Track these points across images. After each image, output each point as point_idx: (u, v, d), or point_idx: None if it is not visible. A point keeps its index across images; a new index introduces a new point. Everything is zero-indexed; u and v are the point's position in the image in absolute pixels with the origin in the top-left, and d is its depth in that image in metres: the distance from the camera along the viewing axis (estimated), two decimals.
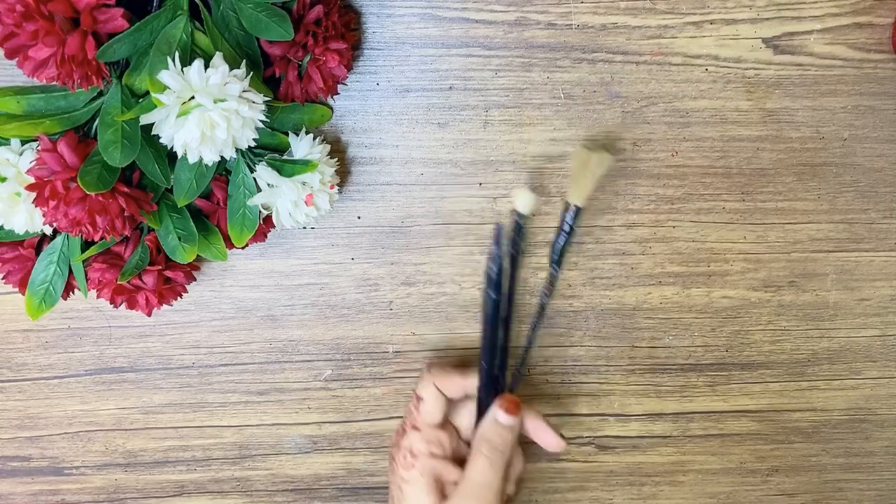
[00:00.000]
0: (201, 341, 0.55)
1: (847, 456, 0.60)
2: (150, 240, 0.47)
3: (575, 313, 0.55)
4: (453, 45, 0.50)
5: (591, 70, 0.50)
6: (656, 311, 0.56)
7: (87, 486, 0.59)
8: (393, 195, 0.52)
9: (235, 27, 0.43)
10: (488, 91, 0.50)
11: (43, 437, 0.58)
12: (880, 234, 0.55)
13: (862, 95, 0.52)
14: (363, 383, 0.57)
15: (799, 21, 0.50)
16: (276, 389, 0.57)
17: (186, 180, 0.44)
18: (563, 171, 0.52)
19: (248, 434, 0.58)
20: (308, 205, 0.46)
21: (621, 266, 0.54)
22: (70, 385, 0.56)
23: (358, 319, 0.55)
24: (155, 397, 0.57)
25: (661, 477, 0.60)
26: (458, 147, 0.52)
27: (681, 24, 0.50)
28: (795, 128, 0.52)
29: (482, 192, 0.53)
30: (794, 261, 0.55)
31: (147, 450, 0.58)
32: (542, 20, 0.49)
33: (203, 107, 0.39)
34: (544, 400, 0.57)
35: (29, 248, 0.47)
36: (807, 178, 0.53)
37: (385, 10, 0.49)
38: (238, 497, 0.60)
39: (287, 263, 0.54)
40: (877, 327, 0.57)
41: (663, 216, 0.53)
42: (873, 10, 0.50)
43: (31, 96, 0.43)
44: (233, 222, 0.46)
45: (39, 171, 0.42)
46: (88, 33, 0.38)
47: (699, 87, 0.51)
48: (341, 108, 0.51)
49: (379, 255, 0.54)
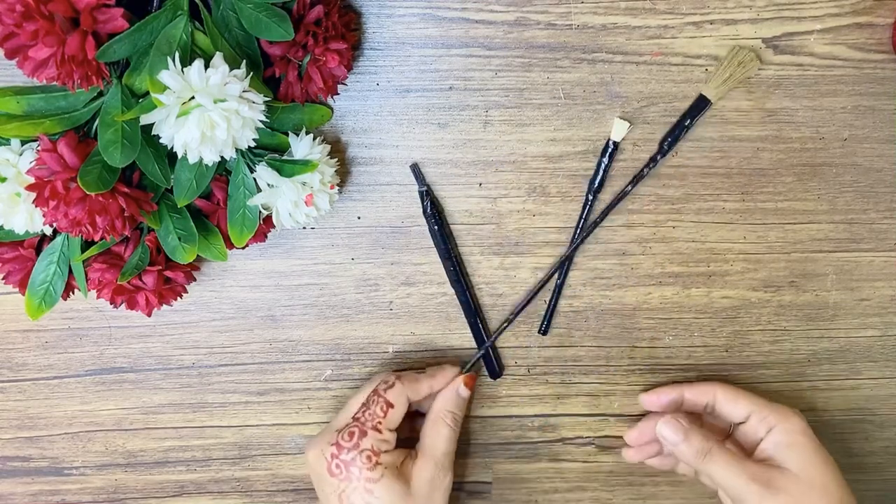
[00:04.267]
0: (201, 341, 0.55)
1: (847, 456, 0.60)
2: (150, 240, 0.47)
3: (575, 313, 0.55)
4: (453, 45, 0.50)
5: (591, 70, 0.50)
6: (656, 311, 0.56)
7: (87, 486, 0.59)
8: (393, 195, 0.52)
9: (235, 27, 0.43)
10: (488, 91, 0.50)
11: (43, 437, 0.58)
12: (880, 234, 0.55)
13: (862, 95, 0.52)
14: (363, 383, 0.57)
15: (799, 21, 0.50)
16: (276, 389, 0.57)
17: (186, 180, 0.44)
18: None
19: (248, 434, 0.58)
20: (308, 205, 0.46)
21: (621, 266, 0.54)
22: (70, 385, 0.56)
23: (358, 319, 0.55)
24: (155, 397, 0.57)
25: (661, 477, 0.60)
26: (458, 147, 0.52)
27: (681, 24, 0.50)
28: (795, 128, 0.52)
29: (482, 192, 0.53)
30: (794, 261, 0.55)
31: (147, 450, 0.58)
32: (542, 20, 0.49)
33: (203, 107, 0.39)
34: (544, 400, 0.57)
35: (29, 248, 0.47)
36: (807, 179, 0.53)
37: (385, 10, 0.49)
38: (238, 497, 0.60)
39: (287, 263, 0.54)
40: (877, 327, 0.57)
41: (663, 216, 0.53)
42: (873, 10, 0.50)
43: (31, 96, 0.43)
44: (233, 222, 0.46)
45: (39, 171, 0.42)
46: (88, 33, 0.38)
47: (699, 87, 0.51)
48: (341, 108, 0.51)
49: (379, 255, 0.54)
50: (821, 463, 0.50)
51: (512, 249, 0.54)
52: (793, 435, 0.50)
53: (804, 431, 0.51)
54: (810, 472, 0.49)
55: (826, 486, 0.49)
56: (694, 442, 0.50)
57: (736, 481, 0.49)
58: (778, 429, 0.51)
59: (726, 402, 0.53)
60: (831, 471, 0.50)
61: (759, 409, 0.51)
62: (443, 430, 0.52)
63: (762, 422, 0.51)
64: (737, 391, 0.53)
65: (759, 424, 0.51)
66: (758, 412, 0.51)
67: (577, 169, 0.52)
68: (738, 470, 0.49)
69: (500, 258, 0.54)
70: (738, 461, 0.49)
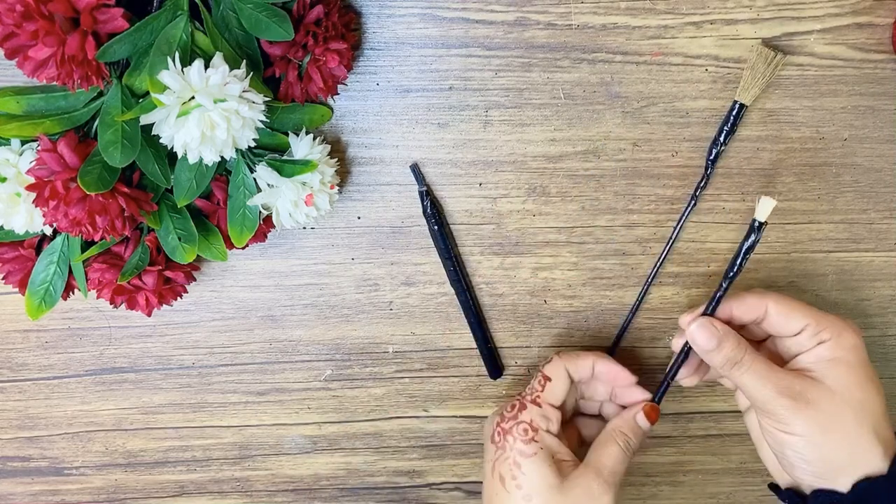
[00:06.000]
0: (201, 341, 0.55)
1: None
2: (150, 240, 0.47)
3: (575, 313, 0.55)
4: (453, 45, 0.50)
5: (591, 70, 0.50)
6: (656, 311, 0.56)
7: (87, 486, 0.59)
8: (393, 195, 0.52)
9: (235, 27, 0.43)
10: (488, 91, 0.50)
11: (43, 437, 0.58)
12: (880, 234, 0.55)
13: (862, 95, 0.52)
14: (363, 383, 0.57)
15: (799, 21, 0.50)
16: (276, 389, 0.57)
17: (186, 180, 0.44)
18: (567, 170, 0.52)
19: (248, 434, 0.58)
20: (308, 205, 0.46)
21: (621, 266, 0.54)
22: (70, 385, 0.56)
23: (358, 319, 0.55)
24: (155, 397, 0.57)
25: (661, 477, 0.60)
26: (458, 147, 0.52)
27: (681, 24, 0.50)
28: (795, 128, 0.52)
29: (482, 192, 0.53)
30: (794, 261, 0.55)
31: (147, 450, 0.58)
32: (542, 20, 0.49)
33: (203, 107, 0.39)
34: None
35: (29, 248, 0.47)
36: (807, 178, 0.53)
37: (385, 10, 0.49)
38: (238, 497, 0.60)
39: (287, 263, 0.54)
40: (877, 327, 0.57)
41: (663, 216, 0.53)
42: (873, 10, 0.50)
43: (31, 96, 0.43)
44: (233, 222, 0.46)
45: (39, 171, 0.42)
46: (88, 33, 0.38)
47: (699, 87, 0.51)
48: (341, 108, 0.51)
49: (379, 255, 0.54)
50: (863, 381, 0.45)
51: (512, 249, 0.54)
52: (840, 350, 0.46)
53: (854, 348, 0.46)
54: (849, 388, 0.45)
55: (863, 406, 0.45)
56: (726, 349, 0.46)
57: (764, 392, 0.45)
58: (827, 344, 0.46)
59: (778, 316, 0.48)
60: (873, 392, 0.45)
61: (815, 323, 0.47)
62: (612, 447, 0.49)
63: (814, 337, 0.47)
64: (791, 304, 0.48)
65: (809, 340, 0.47)
66: (813, 326, 0.47)
67: (577, 169, 0.52)
68: (768, 381, 0.45)
69: (500, 258, 0.54)
70: (771, 371, 0.46)
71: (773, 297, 0.48)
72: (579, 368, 0.50)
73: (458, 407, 0.58)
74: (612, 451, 0.49)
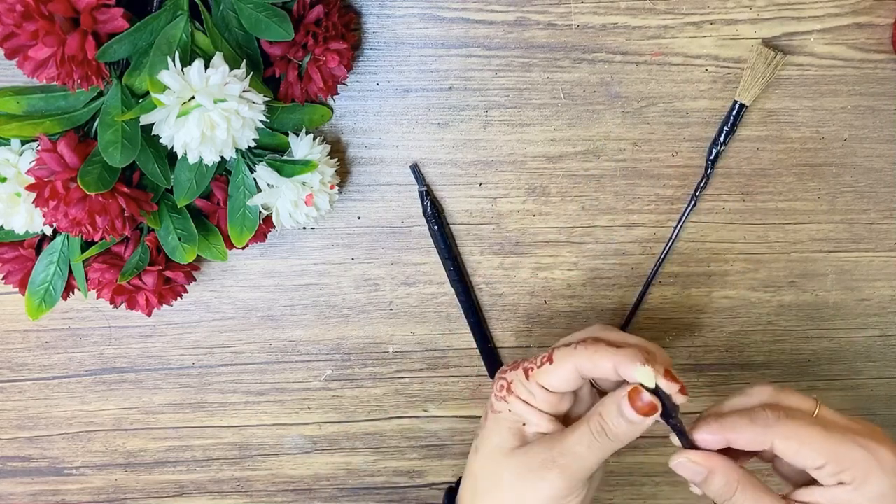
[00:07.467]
0: (201, 341, 0.55)
1: None
2: (150, 240, 0.47)
3: (575, 313, 0.55)
4: (453, 45, 0.50)
5: (591, 70, 0.50)
6: (656, 311, 0.56)
7: (87, 486, 0.59)
8: (393, 195, 0.52)
9: (235, 27, 0.43)
10: (488, 91, 0.50)
11: (43, 437, 0.58)
12: (880, 234, 0.55)
13: (862, 95, 0.52)
14: (363, 383, 0.57)
15: (799, 21, 0.50)
16: (276, 389, 0.57)
17: (186, 180, 0.44)
18: (568, 170, 0.52)
19: (248, 434, 0.58)
20: (308, 205, 0.46)
21: (621, 266, 0.54)
22: (70, 385, 0.56)
23: (358, 319, 0.55)
24: (155, 397, 0.57)
25: (661, 477, 0.60)
26: (458, 147, 0.52)
27: (681, 24, 0.50)
28: (795, 128, 0.52)
29: (482, 192, 0.53)
30: (794, 261, 0.55)
31: (147, 450, 0.58)
32: (542, 20, 0.49)
33: (203, 107, 0.39)
34: None
35: (29, 248, 0.47)
36: (807, 178, 0.53)
37: (385, 10, 0.49)
38: (238, 497, 0.60)
39: (287, 263, 0.54)
40: (877, 327, 0.57)
41: (663, 216, 0.53)
42: (873, 10, 0.50)
43: (31, 96, 0.43)
44: (233, 222, 0.46)
45: (39, 171, 0.42)
46: (88, 33, 0.38)
47: (699, 87, 0.51)
48: (341, 108, 0.51)
49: (379, 255, 0.54)
50: None
51: (512, 249, 0.54)
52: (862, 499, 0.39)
53: (882, 497, 0.39)
54: None
55: None
56: (714, 485, 0.41)
57: None
58: (848, 488, 0.40)
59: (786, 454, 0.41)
60: None
61: (835, 463, 0.39)
62: (581, 429, 0.42)
63: (832, 476, 0.40)
64: (802, 436, 0.40)
65: (826, 477, 0.40)
66: (832, 466, 0.40)
67: (577, 169, 0.52)
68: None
69: (500, 258, 0.54)
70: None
71: (781, 429, 0.40)
72: (596, 364, 0.42)
73: (458, 407, 0.58)
74: (578, 431, 0.42)
